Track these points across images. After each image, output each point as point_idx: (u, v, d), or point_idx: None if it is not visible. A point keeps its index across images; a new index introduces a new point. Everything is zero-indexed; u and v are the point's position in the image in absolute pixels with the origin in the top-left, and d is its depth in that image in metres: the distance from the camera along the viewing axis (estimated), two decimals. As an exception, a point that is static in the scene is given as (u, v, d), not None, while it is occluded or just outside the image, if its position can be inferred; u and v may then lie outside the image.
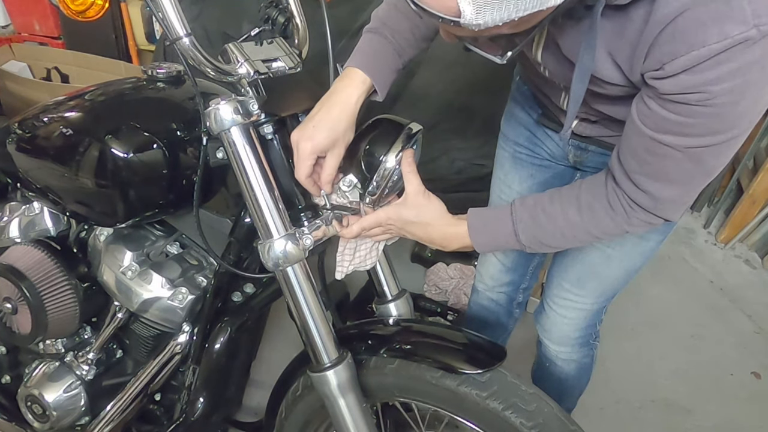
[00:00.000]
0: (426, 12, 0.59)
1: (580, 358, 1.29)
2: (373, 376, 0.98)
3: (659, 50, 0.65)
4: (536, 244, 0.88)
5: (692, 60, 0.62)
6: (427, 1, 0.58)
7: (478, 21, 0.56)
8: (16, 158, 1.08)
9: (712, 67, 0.62)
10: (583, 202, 0.83)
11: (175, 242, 1.15)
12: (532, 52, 0.84)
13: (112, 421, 1.16)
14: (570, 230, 0.85)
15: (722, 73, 0.62)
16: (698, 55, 0.61)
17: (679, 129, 0.68)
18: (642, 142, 0.73)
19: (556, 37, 0.76)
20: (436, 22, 0.60)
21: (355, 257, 1.00)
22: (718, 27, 0.60)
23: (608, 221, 0.82)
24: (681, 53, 0.62)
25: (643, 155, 0.75)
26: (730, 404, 1.83)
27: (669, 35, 0.63)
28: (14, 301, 1.11)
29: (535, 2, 0.55)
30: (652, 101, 0.69)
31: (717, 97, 0.63)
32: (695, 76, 0.63)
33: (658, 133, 0.70)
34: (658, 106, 0.68)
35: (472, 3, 0.54)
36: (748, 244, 2.51)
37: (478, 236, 0.90)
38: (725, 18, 0.60)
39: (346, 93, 0.88)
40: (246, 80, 0.86)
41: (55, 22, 2.72)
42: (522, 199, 0.89)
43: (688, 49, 0.62)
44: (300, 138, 0.86)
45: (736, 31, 0.59)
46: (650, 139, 0.71)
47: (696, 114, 0.66)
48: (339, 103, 0.87)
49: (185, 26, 0.77)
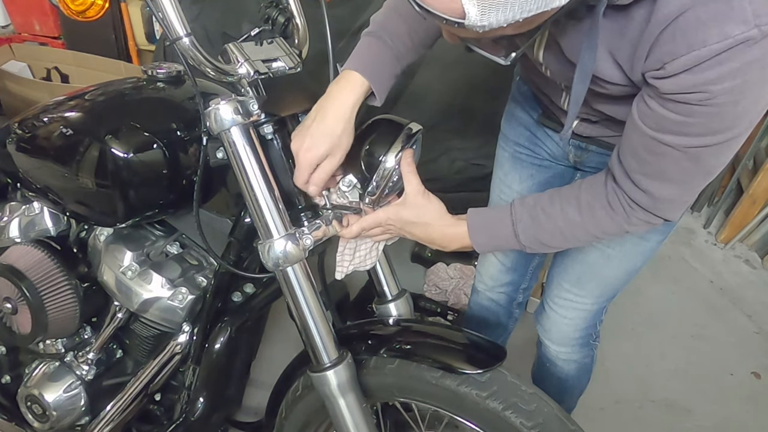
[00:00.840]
0: (430, 14, 0.58)
1: (580, 358, 1.29)
2: (373, 376, 0.98)
3: (660, 50, 0.65)
4: (536, 244, 0.88)
5: (693, 60, 0.62)
6: (430, 2, 0.57)
7: (483, 22, 0.56)
8: (16, 158, 1.08)
9: (712, 66, 0.62)
10: (583, 202, 0.83)
11: (175, 242, 1.15)
12: (533, 52, 0.84)
13: (112, 421, 1.16)
14: (570, 230, 0.85)
15: (723, 72, 0.62)
16: (699, 55, 0.61)
17: (679, 128, 0.69)
18: (642, 142, 0.73)
19: (557, 37, 0.76)
20: (440, 24, 0.60)
21: (354, 257, 1.00)
22: (718, 27, 0.60)
23: (608, 221, 0.82)
24: (682, 53, 0.62)
25: (643, 155, 0.75)
26: (730, 404, 1.82)
27: (670, 35, 0.63)
28: (14, 301, 1.11)
29: (539, 3, 0.55)
30: (653, 101, 0.69)
31: (717, 96, 0.63)
32: (696, 76, 0.63)
33: (659, 132, 0.70)
34: (659, 105, 0.68)
35: (476, 4, 0.54)
36: (748, 244, 2.51)
37: (478, 236, 0.90)
38: (726, 18, 0.60)
39: (341, 97, 0.87)
40: (246, 80, 0.86)
41: (55, 22, 2.72)
42: (522, 199, 0.89)
43: (688, 49, 0.62)
44: (299, 149, 0.86)
45: (737, 31, 0.59)
46: (650, 138, 0.71)
47: (696, 113, 0.66)
48: (334, 109, 0.86)
49: (185, 26, 0.77)
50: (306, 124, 0.88)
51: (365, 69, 0.88)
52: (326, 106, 0.87)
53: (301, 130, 0.88)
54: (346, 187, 0.91)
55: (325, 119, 0.86)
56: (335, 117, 0.86)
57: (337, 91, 0.87)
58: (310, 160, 0.86)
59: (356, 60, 0.89)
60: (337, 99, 0.87)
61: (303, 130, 0.87)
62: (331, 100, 0.87)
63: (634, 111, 0.73)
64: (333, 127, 0.85)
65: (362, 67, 0.88)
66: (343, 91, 0.87)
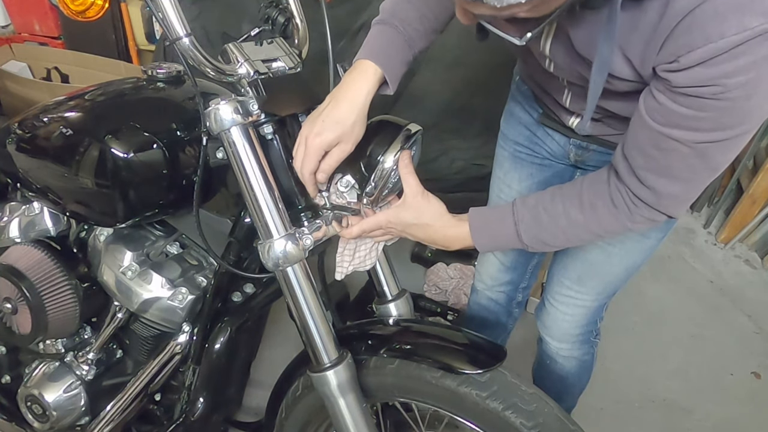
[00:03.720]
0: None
1: (580, 355, 1.29)
2: (373, 376, 0.98)
3: (675, 43, 0.64)
4: (538, 243, 0.88)
5: (709, 52, 0.61)
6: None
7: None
8: (16, 158, 1.08)
9: (728, 60, 0.61)
10: (586, 200, 0.83)
11: (175, 242, 1.15)
12: (540, 44, 0.83)
13: (112, 421, 1.16)
14: (572, 229, 0.85)
15: (739, 65, 0.61)
16: (716, 47, 0.60)
17: (688, 123, 0.68)
18: (649, 137, 0.73)
19: (568, 28, 0.75)
20: None
21: (354, 257, 1.00)
22: (737, 18, 0.59)
23: (611, 219, 0.82)
24: (698, 45, 0.61)
25: (649, 150, 0.74)
26: (730, 404, 1.83)
27: (686, 27, 0.62)
28: (14, 301, 1.11)
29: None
30: (662, 95, 0.68)
31: (731, 90, 0.63)
32: (711, 69, 0.62)
33: (667, 127, 0.70)
34: (669, 99, 0.68)
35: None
36: (748, 244, 2.51)
37: (480, 237, 0.90)
38: (745, 9, 0.59)
39: (356, 86, 0.86)
40: (246, 80, 0.86)
41: (55, 22, 2.72)
42: (523, 199, 0.89)
43: (705, 41, 0.61)
44: (309, 133, 0.85)
45: (755, 23, 0.58)
46: (658, 133, 0.71)
47: (707, 108, 0.65)
48: (348, 98, 0.85)
49: (185, 26, 0.77)
50: (318, 110, 0.87)
51: (378, 57, 0.87)
52: (339, 94, 0.86)
53: (312, 116, 0.87)
54: (343, 187, 0.91)
55: (338, 106, 0.85)
56: (349, 105, 0.85)
57: (351, 81, 0.87)
58: (319, 145, 0.84)
59: (368, 49, 0.89)
60: (351, 88, 0.86)
61: (314, 115, 0.87)
62: (344, 89, 0.86)
63: (641, 106, 0.72)
64: (346, 115, 0.84)
65: (374, 55, 0.87)
66: (358, 82, 0.86)
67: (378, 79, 0.87)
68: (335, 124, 0.84)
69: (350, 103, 0.85)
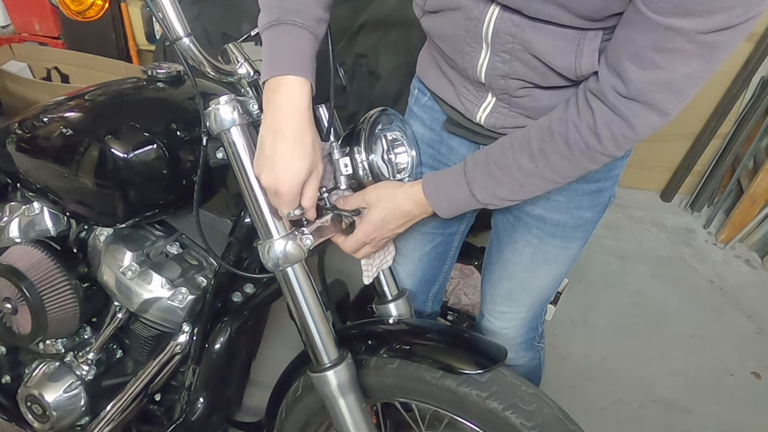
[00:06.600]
0: None
1: (526, 361, 1.26)
2: (373, 376, 0.98)
3: None
4: (497, 200, 0.84)
5: None
6: None
7: None
8: (16, 158, 1.08)
9: None
10: (535, 147, 0.78)
11: (175, 242, 1.15)
12: None
13: (112, 421, 1.16)
14: (527, 180, 0.80)
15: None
16: None
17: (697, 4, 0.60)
18: (650, 38, 0.65)
19: None
20: None
21: (375, 258, 1.03)
22: None
23: (564, 163, 0.77)
24: None
25: (650, 55, 0.66)
26: (730, 404, 1.83)
27: None
28: (14, 301, 1.11)
29: None
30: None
31: None
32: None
33: (675, 17, 0.61)
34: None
35: None
36: (748, 244, 2.51)
37: (437, 201, 0.87)
38: None
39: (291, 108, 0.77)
40: (246, 80, 0.86)
41: (55, 22, 2.72)
42: (474, 156, 0.85)
43: None
44: (277, 183, 0.78)
45: None
46: (664, 29, 0.63)
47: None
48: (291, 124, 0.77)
49: (185, 26, 0.77)
50: (266, 154, 0.78)
51: (295, 67, 0.77)
52: (280, 124, 0.77)
53: (266, 163, 0.78)
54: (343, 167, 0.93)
55: (288, 138, 0.77)
56: (298, 131, 0.77)
57: (284, 102, 0.77)
58: (295, 188, 0.78)
59: (280, 61, 0.78)
60: (289, 112, 0.77)
61: (265, 162, 0.78)
62: (283, 116, 0.77)
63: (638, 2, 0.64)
64: (302, 143, 0.77)
65: (293, 66, 0.77)
66: (291, 101, 0.77)
67: (308, 90, 0.79)
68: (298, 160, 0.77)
69: (297, 129, 0.77)
